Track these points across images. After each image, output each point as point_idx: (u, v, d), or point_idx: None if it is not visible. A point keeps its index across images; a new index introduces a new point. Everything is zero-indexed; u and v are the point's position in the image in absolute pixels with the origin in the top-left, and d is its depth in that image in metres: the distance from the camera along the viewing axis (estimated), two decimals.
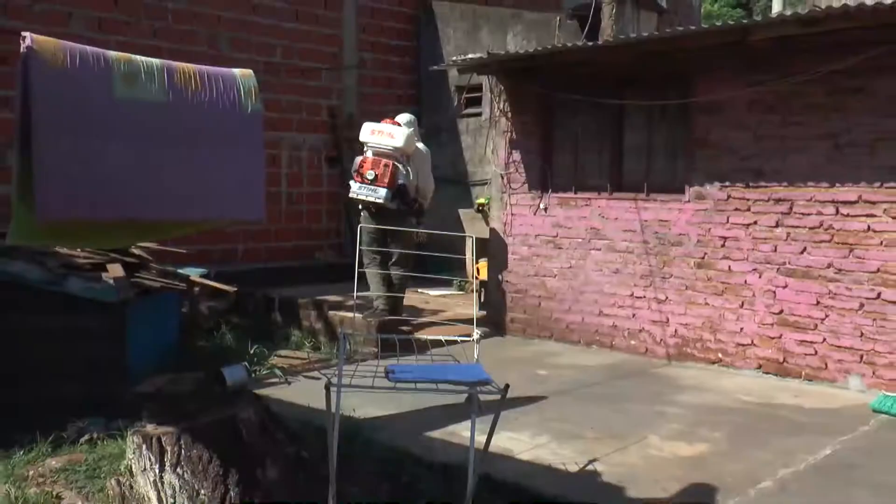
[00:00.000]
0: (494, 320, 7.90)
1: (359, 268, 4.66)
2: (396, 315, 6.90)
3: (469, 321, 4.72)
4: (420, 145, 7.26)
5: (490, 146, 8.14)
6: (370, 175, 6.87)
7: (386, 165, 6.92)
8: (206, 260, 9.03)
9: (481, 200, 9.18)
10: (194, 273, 7.26)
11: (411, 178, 7.07)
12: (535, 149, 7.59)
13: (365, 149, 7.10)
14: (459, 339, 4.34)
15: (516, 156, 7.77)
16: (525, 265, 7.73)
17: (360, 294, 6.97)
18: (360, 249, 4.99)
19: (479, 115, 10.22)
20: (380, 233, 7.10)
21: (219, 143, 3.44)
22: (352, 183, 7.01)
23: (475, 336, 4.17)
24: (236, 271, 9.09)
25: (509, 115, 7.72)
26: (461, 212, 9.82)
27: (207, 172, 3.46)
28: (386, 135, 6.96)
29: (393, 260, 6.96)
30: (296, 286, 8.70)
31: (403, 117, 7.36)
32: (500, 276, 7.88)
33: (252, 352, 6.48)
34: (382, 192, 6.87)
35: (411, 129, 7.12)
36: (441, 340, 4.30)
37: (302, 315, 7.44)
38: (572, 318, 7.35)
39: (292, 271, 9.54)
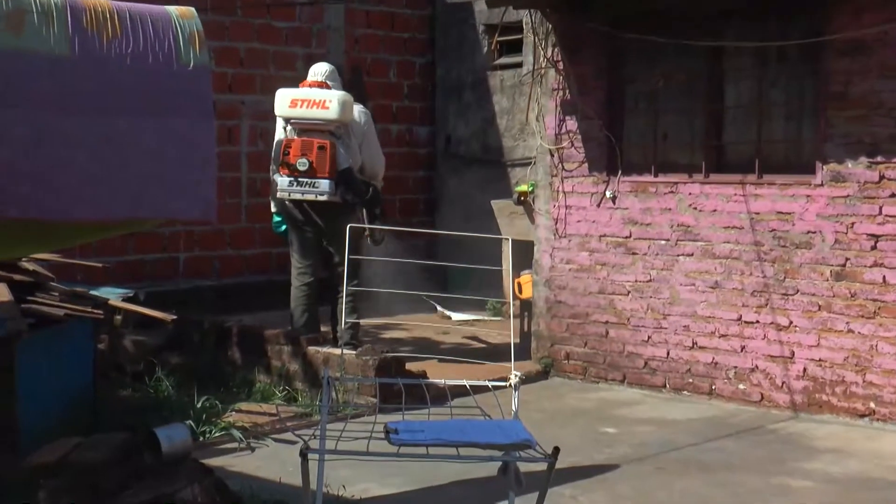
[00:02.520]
0: (542, 357, 8.00)
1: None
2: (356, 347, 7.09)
3: (506, 358, 4.76)
4: (357, 108, 7.44)
5: (534, 110, 8.13)
6: (302, 164, 7.06)
7: (322, 148, 7.10)
8: (132, 276, 9.13)
9: (523, 188, 9.26)
10: (115, 295, 7.30)
11: (355, 156, 7.27)
12: (597, 113, 7.65)
13: (285, 127, 7.27)
14: (491, 384, 4.37)
15: (571, 123, 7.80)
16: (585, 278, 7.78)
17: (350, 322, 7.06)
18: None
19: (519, 66, 10.34)
20: (315, 235, 7.33)
21: (148, 113, 3.49)
22: (276, 178, 7.22)
23: (514, 380, 4.19)
24: (176, 291, 9.20)
25: (561, 65, 7.79)
26: (495, 204, 9.94)
27: (132, 153, 3.51)
28: (315, 104, 7.13)
29: (338, 271, 7.19)
30: (261, 311, 8.78)
31: (321, 68, 7.51)
32: (549, 295, 7.95)
33: (199, 405, 6.52)
34: (324, 184, 7.09)
35: (340, 87, 7.35)
36: (465, 386, 4.33)
37: (270, 352, 7.49)
38: (653, 352, 7.42)
39: (256, 290, 9.68)
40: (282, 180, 7.17)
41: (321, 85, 7.37)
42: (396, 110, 11.33)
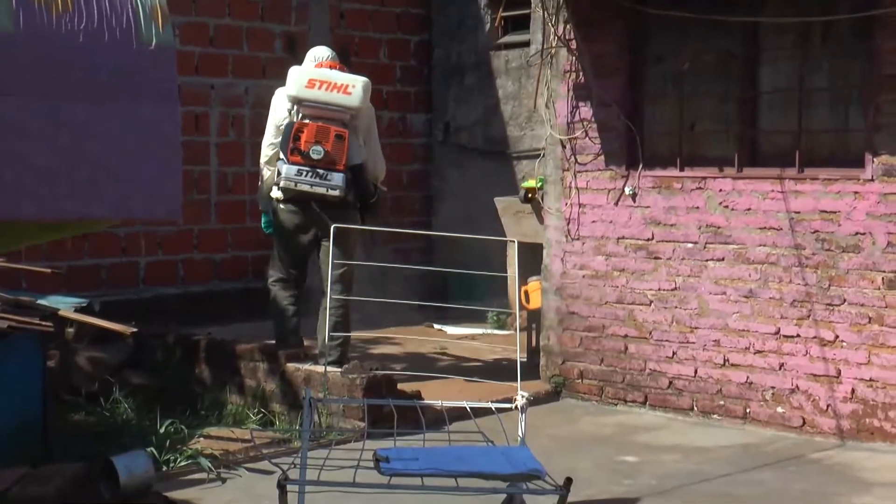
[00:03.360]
0: (553, 375, 7.97)
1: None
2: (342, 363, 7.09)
3: (511, 377, 4.76)
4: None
5: (543, 95, 8.08)
6: (317, 153, 7.08)
7: (339, 137, 7.14)
8: (86, 283, 9.08)
9: (530, 183, 9.14)
10: (66, 305, 7.25)
11: (362, 151, 7.36)
12: (615, 98, 7.61)
13: (292, 109, 7.32)
14: (495, 405, 4.35)
15: (585, 110, 7.76)
16: (601, 286, 7.75)
17: (339, 336, 7.05)
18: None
19: (526, 45, 10.23)
20: (311, 239, 7.36)
21: (103, 98, 3.53)
22: (283, 166, 7.21)
23: (520, 401, 4.19)
24: (136, 300, 9.17)
25: (574, 44, 7.74)
26: (498, 202, 9.85)
27: (85, 144, 3.50)
28: (336, 88, 7.19)
29: (332, 278, 7.14)
30: (232, 322, 8.77)
31: (326, 51, 7.61)
32: (561, 304, 7.92)
33: (163, 430, 6.50)
34: (338, 178, 7.11)
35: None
36: (465, 408, 4.32)
37: (244, 370, 7.49)
38: (678, 370, 7.39)
39: (228, 299, 9.68)
40: (288, 168, 7.13)
41: (340, 67, 7.45)
42: (388, 96, 11.29)
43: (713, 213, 7.20)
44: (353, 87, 7.19)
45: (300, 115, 7.24)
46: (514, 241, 5.98)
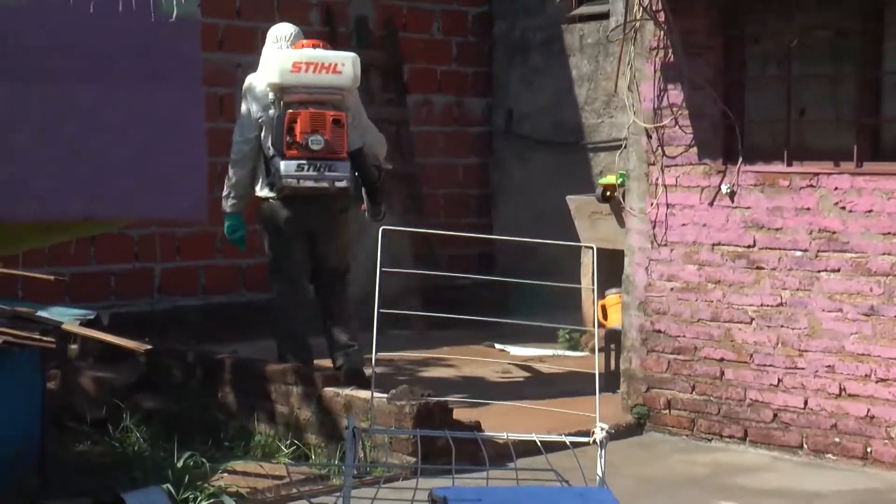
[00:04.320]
0: (635, 405, 7.97)
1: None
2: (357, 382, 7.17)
3: (588, 406, 4.74)
4: None
5: (625, 77, 8.08)
6: (316, 143, 7.30)
7: (337, 122, 7.39)
8: (93, 293, 9.16)
9: (609, 180, 9.18)
10: (70, 317, 7.29)
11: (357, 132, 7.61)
12: (710, 81, 7.60)
13: (277, 99, 7.50)
14: (569, 439, 4.37)
15: (675, 94, 7.74)
16: (693, 301, 7.72)
17: (382, 355, 7.06)
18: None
19: (605, 17, 10.37)
20: (304, 235, 7.60)
21: (116, 79, 3.58)
22: (279, 162, 7.43)
23: (599, 434, 4.19)
24: (150, 312, 9.27)
25: (662, 16, 7.72)
26: (571, 201, 9.86)
27: (95, 132, 3.52)
28: (324, 68, 7.42)
29: (335, 280, 7.58)
30: (261, 339, 8.79)
31: (290, 29, 7.88)
32: (645, 322, 7.92)
33: (181, 463, 6.48)
34: (342, 167, 7.42)
35: None
36: (534, 442, 4.33)
37: (274, 394, 7.50)
38: (785, 400, 7.34)
39: (254, 311, 9.63)
40: (287, 164, 7.37)
41: (323, 45, 7.69)
42: (441, 77, 11.42)
43: (827, 216, 7.14)
44: (342, 66, 7.44)
45: (282, 104, 7.43)
46: (591, 248, 6.14)
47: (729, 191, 7.55)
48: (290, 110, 7.39)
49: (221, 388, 7.70)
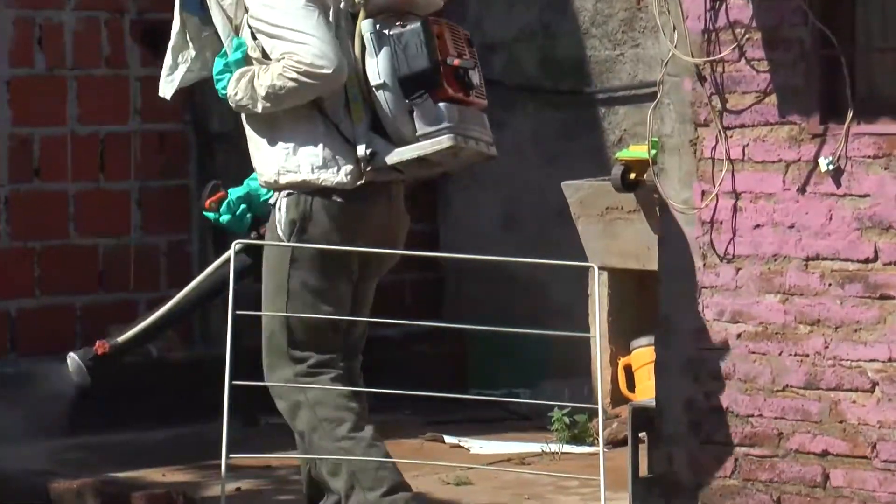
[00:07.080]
0: None
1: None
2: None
3: None
4: None
5: None
6: (472, 71, 6.33)
7: (470, 42, 6.54)
8: None
9: (633, 153, 8.01)
10: None
11: None
12: None
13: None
14: None
15: (739, 6, 6.54)
16: (775, 355, 6.47)
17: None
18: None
19: None
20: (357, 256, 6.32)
21: None
22: (430, 106, 6.25)
23: None
24: None
25: None
26: (571, 190, 8.44)
27: None
28: None
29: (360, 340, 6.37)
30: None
31: None
32: (695, 393, 6.64)
33: None
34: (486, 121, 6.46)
35: None
36: None
37: None
38: None
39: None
40: (440, 110, 6.26)
41: None
42: None
43: None
44: None
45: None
46: (594, 268, 6.06)
47: (832, 166, 6.27)
48: (423, 23, 6.41)
49: None
